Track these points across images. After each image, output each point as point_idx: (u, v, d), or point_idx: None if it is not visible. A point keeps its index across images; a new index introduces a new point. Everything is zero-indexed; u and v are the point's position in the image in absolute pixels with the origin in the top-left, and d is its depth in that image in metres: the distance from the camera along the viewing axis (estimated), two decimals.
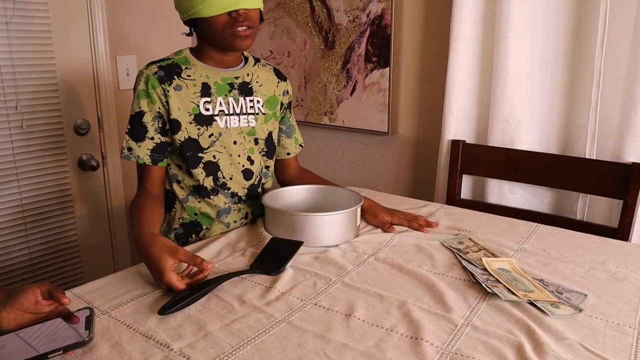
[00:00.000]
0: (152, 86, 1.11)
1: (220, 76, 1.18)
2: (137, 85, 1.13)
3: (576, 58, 1.43)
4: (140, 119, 1.11)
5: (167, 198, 1.20)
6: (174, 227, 1.21)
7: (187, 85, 1.14)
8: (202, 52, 1.17)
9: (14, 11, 1.66)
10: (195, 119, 1.14)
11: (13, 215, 1.77)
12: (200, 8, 1.07)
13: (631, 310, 0.84)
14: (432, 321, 0.80)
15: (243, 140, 1.20)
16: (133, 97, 1.13)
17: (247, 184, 1.22)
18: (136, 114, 1.12)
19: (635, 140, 1.33)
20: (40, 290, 0.75)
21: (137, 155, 1.11)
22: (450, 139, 1.61)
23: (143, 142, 1.11)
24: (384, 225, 1.20)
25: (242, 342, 0.74)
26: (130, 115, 1.13)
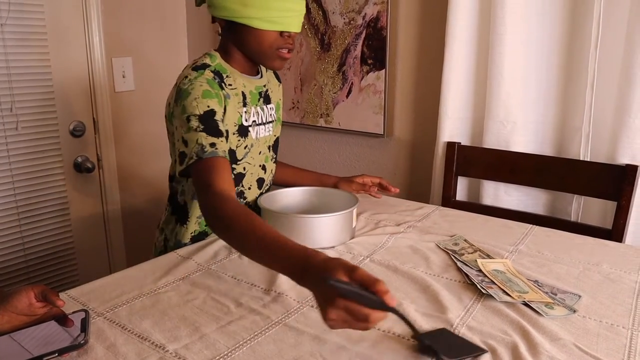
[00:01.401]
0: (215, 89, 1.04)
1: (253, 85, 1.16)
2: (194, 86, 1.01)
3: (570, 60, 1.44)
4: (213, 117, 0.99)
5: (182, 212, 1.16)
6: (184, 242, 1.16)
7: (232, 94, 1.10)
8: (231, 56, 1.12)
9: (8, 13, 1.65)
10: (238, 130, 1.11)
11: (8, 217, 1.76)
12: (255, 19, 1.03)
13: (625, 311, 0.84)
14: (428, 322, 0.80)
15: (265, 150, 1.20)
16: (184, 99, 1.00)
17: (259, 192, 1.22)
18: (206, 113, 0.99)
19: (629, 142, 1.34)
20: (33, 293, 0.74)
21: (223, 149, 0.97)
22: (445, 141, 1.62)
23: (222, 139, 0.99)
24: (364, 185, 1.32)
25: (237, 344, 0.74)
26: (198, 115, 0.98)
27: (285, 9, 1.03)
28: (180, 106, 1.00)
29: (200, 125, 0.98)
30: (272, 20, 1.03)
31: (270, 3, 1.02)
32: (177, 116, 1.02)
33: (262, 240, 0.77)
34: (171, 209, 1.19)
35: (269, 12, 1.02)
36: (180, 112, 1.00)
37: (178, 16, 2.24)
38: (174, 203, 1.18)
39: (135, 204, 2.17)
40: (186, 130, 0.98)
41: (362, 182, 1.37)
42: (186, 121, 0.98)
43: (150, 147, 2.21)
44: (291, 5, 1.04)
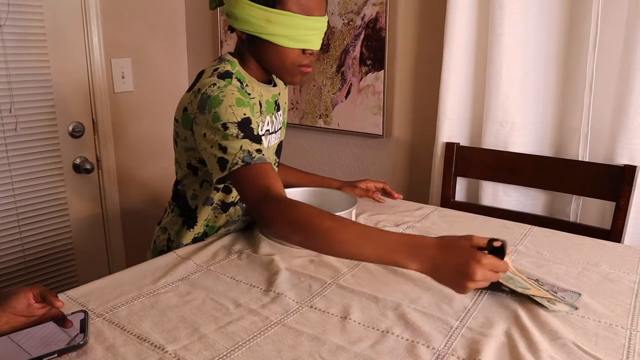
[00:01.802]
0: (246, 97, 1.04)
1: (270, 94, 1.16)
2: (225, 94, 0.99)
3: (569, 61, 1.44)
4: (250, 125, 0.98)
5: (191, 216, 1.15)
6: (186, 242, 1.15)
7: (252, 102, 1.09)
8: (248, 65, 1.11)
9: (8, 14, 1.65)
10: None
11: (7, 218, 1.76)
12: (279, 36, 1.03)
13: (623, 311, 0.85)
14: (427, 323, 0.80)
15: (271, 156, 1.20)
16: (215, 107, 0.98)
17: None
18: (244, 120, 0.97)
19: (627, 142, 1.34)
20: (32, 293, 0.74)
21: (267, 156, 0.97)
22: (444, 141, 1.62)
23: (263, 145, 0.99)
24: (368, 190, 1.33)
25: (237, 344, 0.74)
26: (237, 123, 0.96)
27: (310, 27, 1.04)
28: (212, 113, 0.98)
29: (240, 132, 0.96)
30: (296, 39, 1.04)
31: (297, 22, 1.02)
32: (204, 124, 0.99)
33: (358, 231, 0.81)
34: (179, 211, 1.17)
35: (295, 30, 1.03)
36: (213, 119, 0.97)
37: (177, 17, 2.24)
38: (183, 206, 1.16)
39: (134, 204, 2.17)
40: (223, 137, 0.96)
41: (365, 187, 1.37)
42: (222, 128, 0.96)
43: (149, 148, 2.21)
44: (316, 24, 1.05)
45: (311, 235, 0.83)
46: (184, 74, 2.32)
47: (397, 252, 0.78)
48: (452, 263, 0.75)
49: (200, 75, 1.08)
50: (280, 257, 1.04)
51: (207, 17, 2.22)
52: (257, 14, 1.02)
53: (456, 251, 0.76)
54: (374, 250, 0.80)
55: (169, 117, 2.27)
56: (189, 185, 1.13)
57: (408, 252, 0.77)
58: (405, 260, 0.77)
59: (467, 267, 0.74)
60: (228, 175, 0.95)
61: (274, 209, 0.87)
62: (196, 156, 1.08)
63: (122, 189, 2.11)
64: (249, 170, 0.93)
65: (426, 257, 0.77)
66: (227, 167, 0.94)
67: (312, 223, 0.83)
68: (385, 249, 0.79)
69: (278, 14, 1.01)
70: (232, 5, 1.04)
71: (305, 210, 0.85)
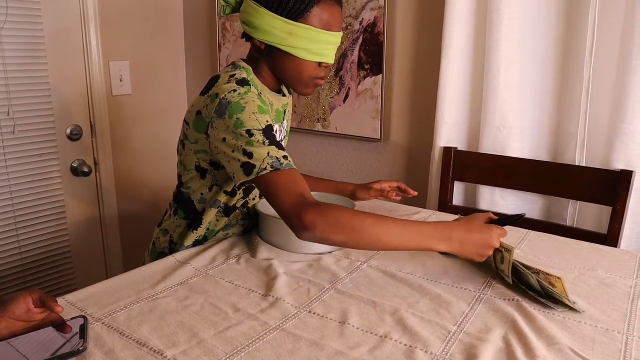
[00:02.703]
0: (266, 105, 1.05)
1: (281, 103, 1.17)
2: (247, 101, 1.00)
3: (566, 67, 1.45)
4: (272, 132, 0.99)
5: (197, 219, 1.14)
6: (187, 245, 1.15)
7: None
8: (261, 73, 1.12)
9: (6, 17, 1.65)
10: None
11: (5, 221, 1.76)
12: (300, 49, 1.04)
13: (620, 316, 0.85)
14: (426, 328, 0.81)
15: None
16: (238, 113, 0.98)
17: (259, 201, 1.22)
18: (267, 127, 0.98)
19: (624, 147, 1.35)
20: (32, 298, 0.74)
21: (294, 163, 0.99)
22: (442, 146, 1.63)
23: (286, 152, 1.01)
24: (383, 191, 1.35)
25: (236, 350, 0.75)
26: (262, 130, 0.97)
27: (328, 42, 1.07)
28: (233, 119, 0.98)
29: (265, 139, 0.97)
30: (314, 52, 1.06)
31: (317, 36, 1.04)
32: (223, 129, 0.99)
33: (396, 224, 0.93)
34: (183, 214, 1.16)
35: (314, 44, 1.05)
36: (235, 125, 0.97)
37: (175, 20, 2.24)
38: (189, 209, 1.15)
39: (132, 207, 2.17)
40: (247, 143, 0.96)
41: (380, 188, 1.37)
42: (247, 135, 0.97)
43: (148, 151, 2.21)
44: (333, 39, 1.07)
45: (356, 233, 0.91)
46: (182, 78, 2.33)
47: (431, 238, 0.93)
48: (475, 242, 0.95)
49: (215, 80, 1.07)
50: (279, 262, 1.04)
51: (206, 21, 2.22)
52: (279, 25, 1.03)
53: (477, 228, 0.96)
54: (412, 239, 0.92)
55: (167, 120, 2.28)
56: (195, 188, 1.13)
57: (440, 238, 0.94)
58: (437, 244, 0.94)
59: (487, 240, 0.95)
60: (253, 180, 0.96)
61: (315, 214, 0.90)
62: (207, 159, 1.08)
63: (120, 192, 2.11)
64: (278, 176, 0.95)
65: (454, 239, 0.94)
66: (254, 172, 0.95)
67: (354, 222, 0.91)
68: (421, 237, 0.93)
69: (300, 27, 1.03)
70: (253, 15, 1.05)
71: (345, 211, 0.93)
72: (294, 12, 1.03)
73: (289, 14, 1.03)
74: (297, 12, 1.03)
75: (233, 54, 2.13)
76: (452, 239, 0.94)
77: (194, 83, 2.33)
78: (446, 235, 0.94)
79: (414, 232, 0.93)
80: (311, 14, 1.03)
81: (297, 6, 1.02)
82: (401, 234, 0.92)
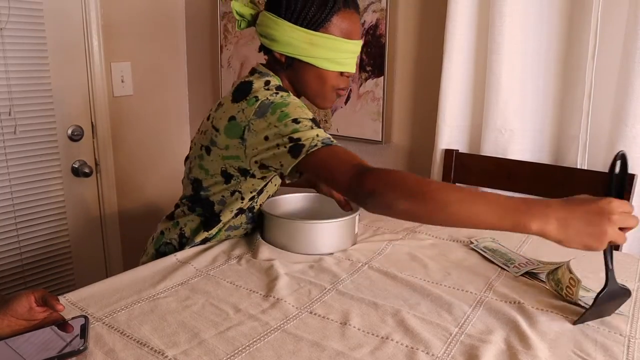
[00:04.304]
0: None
1: None
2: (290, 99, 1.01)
3: (568, 69, 1.45)
4: (318, 123, 1.00)
5: (213, 220, 1.13)
6: (197, 241, 1.14)
7: None
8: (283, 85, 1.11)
9: (8, 17, 1.65)
10: None
11: (5, 221, 1.76)
12: (322, 59, 1.04)
13: (622, 319, 0.85)
14: (427, 329, 0.80)
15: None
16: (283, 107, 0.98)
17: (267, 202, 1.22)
18: (314, 118, 0.99)
19: (626, 150, 1.34)
20: (34, 297, 0.74)
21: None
22: (443, 148, 1.63)
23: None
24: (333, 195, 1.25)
25: (236, 350, 0.74)
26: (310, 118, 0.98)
27: (349, 51, 1.06)
28: (277, 114, 0.98)
29: (313, 125, 0.96)
30: (336, 61, 1.05)
31: (338, 45, 1.04)
32: (264, 127, 0.98)
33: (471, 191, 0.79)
34: (201, 210, 1.14)
35: (336, 53, 1.05)
36: (279, 118, 0.97)
37: (177, 21, 2.24)
38: (207, 209, 1.14)
39: (133, 208, 2.17)
40: (293, 130, 0.95)
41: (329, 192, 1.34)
42: (294, 122, 0.96)
43: (148, 152, 2.21)
44: (354, 48, 1.07)
45: (421, 197, 0.77)
46: (183, 79, 2.33)
47: (518, 211, 0.73)
48: (580, 217, 0.71)
49: (247, 86, 1.05)
50: (280, 263, 1.04)
51: (207, 22, 2.22)
52: (299, 36, 1.03)
53: (581, 201, 0.72)
54: (491, 210, 0.74)
55: (168, 121, 2.28)
56: (216, 190, 1.11)
57: (529, 211, 0.72)
58: (526, 219, 0.72)
59: (599, 210, 0.70)
60: (303, 160, 0.92)
61: (376, 176, 0.82)
62: (236, 165, 1.06)
63: (121, 193, 2.11)
64: (330, 150, 0.92)
65: (551, 216, 0.71)
66: (304, 150, 0.92)
67: (420, 185, 0.78)
68: (503, 209, 0.74)
69: (321, 37, 1.03)
70: (272, 27, 1.05)
71: (410, 175, 0.81)
72: (314, 22, 1.02)
73: (309, 24, 1.02)
74: (317, 22, 1.02)
75: (234, 55, 2.13)
76: (546, 216, 0.71)
77: (195, 84, 2.33)
78: (538, 210, 0.72)
79: (494, 203, 0.75)
80: (331, 23, 1.03)
81: (317, 16, 1.02)
82: (476, 202, 0.75)
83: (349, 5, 1.06)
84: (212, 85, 2.27)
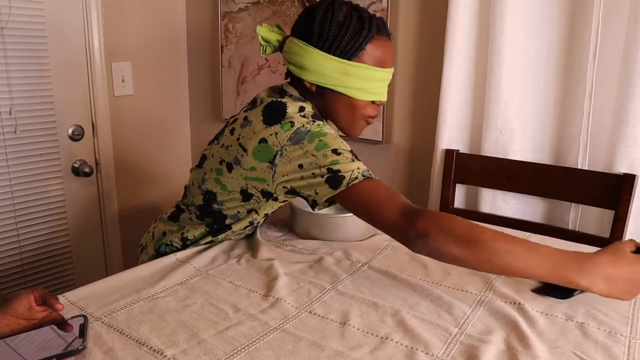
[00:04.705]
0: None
1: None
2: (327, 129, 0.99)
3: (569, 70, 1.45)
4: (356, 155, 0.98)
5: (221, 231, 1.12)
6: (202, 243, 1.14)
7: None
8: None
9: (9, 16, 1.66)
10: None
11: (5, 221, 1.76)
12: (355, 89, 1.02)
13: (622, 319, 0.85)
14: (427, 329, 0.80)
15: None
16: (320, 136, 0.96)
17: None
18: (352, 151, 0.98)
19: (627, 151, 1.34)
20: (33, 296, 0.74)
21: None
22: (444, 148, 1.62)
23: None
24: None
25: (235, 350, 0.74)
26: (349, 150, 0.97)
27: (382, 79, 1.04)
28: (314, 143, 0.96)
29: (353, 157, 0.95)
30: (368, 91, 1.03)
31: (371, 74, 1.02)
32: (299, 154, 0.96)
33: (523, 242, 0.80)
34: (212, 222, 1.12)
35: (368, 82, 1.02)
36: (317, 147, 0.95)
37: (178, 21, 2.24)
38: (219, 222, 1.12)
39: (133, 208, 2.17)
40: (333, 161, 0.93)
41: None
42: (333, 153, 0.94)
43: (149, 152, 2.21)
44: (387, 76, 1.05)
45: (473, 244, 0.78)
46: (184, 79, 2.33)
47: (568, 269, 0.78)
48: (625, 277, 0.79)
49: (281, 108, 1.02)
50: (280, 262, 1.04)
51: (208, 22, 2.22)
52: (332, 65, 1.01)
53: (628, 261, 0.80)
54: (542, 264, 0.78)
55: (168, 121, 2.28)
56: (232, 206, 1.09)
57: (580, 269, 0.78)
58: (576, 276, 0.78)
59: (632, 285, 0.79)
60: (342, 192, 0.90)
61: (429, 220, 0.80)
62: (259, 187, 1.03)
63: (121, 193, 2.11)
64: (374, 185, 0.89)
65: (599, 275, 0.79)
66: (344, 182, 0.90)
67: (472, 232, 0.78)
68: (554, 264, 0.78)
69: (354, 66, 1.00)
70: (302, 55, 1.02)
71: (462, 220, 0.81)
72: (347, 51, 1.00)
73: (342, 52, 1.00)
74: (351, 51, 1.00)
75: (235, 55, 2.13)
76: (595, 275, 0.78)
77: (196, 84, 2.33)
78: (588, 269, 0.78)
79: (543, 256, 0.78)
80: (365, 52, 1.01)
81: (351, 44, 1.00)
82: (528, 255, 0.78)
83: (382, 32, 1.04)
84: (213, 85, 2.27)
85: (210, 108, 2.31)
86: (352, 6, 1.04)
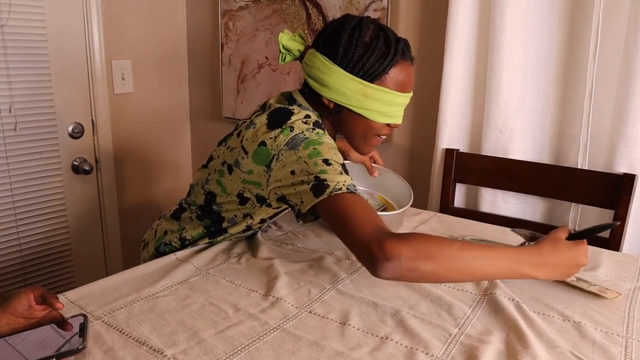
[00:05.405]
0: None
1: None
2: (324, 139, 0.99)
3: (569, 69, 1.45)
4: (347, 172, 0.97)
5: (219, 234, 1.12)
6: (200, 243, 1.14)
7: None
8: (323, 124, 1.08)
9: (9, 14, 1.65)
10: None
11: (5, 218, 1.76)
12: (374, 112, 1.02)
13: (618, 319, 0.85)
14: (427, 329, 0.80)
15: None
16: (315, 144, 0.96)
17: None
18: (344, 165, 0.97)
19: (627, 151, 1.35)
20: (33, 295, 0.74)
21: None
22: (444, 147, 1.62)
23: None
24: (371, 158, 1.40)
25: (235, 349, 0.74)
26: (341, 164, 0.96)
27: (400, 104, 1.04)
28: (309, 149, 0.95)
29: (343, 171, 0.94)
30: (387, 114, 1.03)
31: (391, 98, 1.01)
32: (293, 160, 0.95)
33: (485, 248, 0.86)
34: (211, 224, 1.12)
35: (387, 106, 1.02)
36: (310, 155, 0.94)
37: (178, 18, 2.24)
38: (216, 224, 1.12)
39: (133, 206, 2.17)
40: (321, 171, 0.92)
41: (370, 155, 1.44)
42: (323, 163, 0.93)
43: (149, 150, 2.21)
44: (405, 100, 1.05)
45: (446, 259, 0.80)
46: (184, 76, 2.33)
47: (523, 264, 0.85)
48: (565, 263, 0.88)
49: (286, 114, 1.01)
50: (280, 262, 1.04)
51: (208, 20, 2.22)
52: (354, 86, 1.00)
53: (565, 249, 0.88)
54: (504, 264, 0.84)
55: (168, 119, 2.28)
56: (229, 209, 1.09)
57: (531, 263, 0.85)
58: (530, 270, 0.85)
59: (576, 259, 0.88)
60: (324, 201, 0.89)
61: (400, 242, 0.79)
62: (255, 191, 1.03)
63: (121, 191, 2.11)
64: (353, 199, 0.88)
65: (545, 265, 0.86)
66: (327, 191, 0.89)
67: (443, 248, 0.80)
68: (512, 262, 0.84)
69: (375, 89, 1.00)
70: (324, 72, 1.01)
71: (431, 238, 0.83)
72: (370, 73, 0.99)
73: (365, 74, 0.99)
74: (375, 74, 0.99)
75: (235, 53, 2.13)
76: (544, 265, 0.86)
77: (196, 82, 2.33)
78: (538, 262, 0.86)
79: (503, 258, 0.84)
80: (388, 76, 1.00)
81: (376, 67, 0.99)
82: (491, 259, 0.83)
83: (407, 57, 1.03)
84: (213, 83, 2.27)
85: (210, 106, 2.31)
86: (380, 26, 1.03)
